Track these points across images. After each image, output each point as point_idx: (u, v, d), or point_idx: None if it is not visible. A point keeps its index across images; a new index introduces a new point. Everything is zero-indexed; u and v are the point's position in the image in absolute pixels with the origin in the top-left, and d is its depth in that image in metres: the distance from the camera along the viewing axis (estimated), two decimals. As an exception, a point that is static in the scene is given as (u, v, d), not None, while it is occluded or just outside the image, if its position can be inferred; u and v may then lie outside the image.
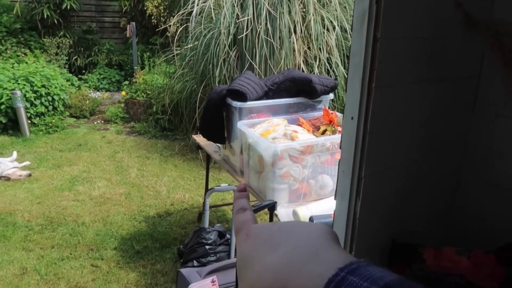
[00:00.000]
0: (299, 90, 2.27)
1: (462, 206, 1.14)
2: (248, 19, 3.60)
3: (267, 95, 2.31)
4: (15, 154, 3.95)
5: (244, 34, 3.61)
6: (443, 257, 0.93)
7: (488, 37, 1.01)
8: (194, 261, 2.04)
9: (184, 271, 1.83)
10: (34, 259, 2.57)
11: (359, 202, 0.98)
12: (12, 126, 4.86)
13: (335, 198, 1.06)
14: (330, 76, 3.68)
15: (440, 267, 0.95)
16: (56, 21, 6.52)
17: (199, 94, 3.90)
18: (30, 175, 3.73)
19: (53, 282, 2.38)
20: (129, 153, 4.38)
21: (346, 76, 3.71)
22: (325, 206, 1.68)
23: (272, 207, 1.70)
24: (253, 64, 3.63)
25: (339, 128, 2.00)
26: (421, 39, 0.92)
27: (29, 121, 4.88)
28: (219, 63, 3.72)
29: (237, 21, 3.67)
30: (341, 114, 2.11)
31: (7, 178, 3.65)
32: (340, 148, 1.04)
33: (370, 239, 1.02)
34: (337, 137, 1.87)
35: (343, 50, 3.81)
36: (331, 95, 2.35)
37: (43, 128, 4.95)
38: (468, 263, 0.89)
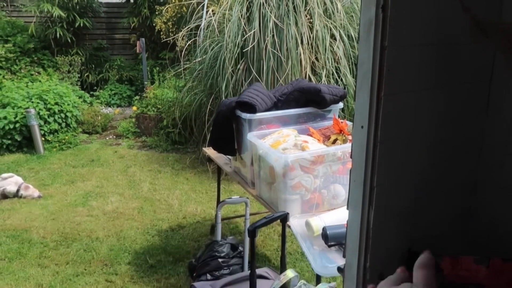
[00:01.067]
0: (308, 100, 2.27)
1: (478, 212, 1.12)
2: (254, 31, 3.63)
3: (276, 106, 2.32)
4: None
5: (251, 46, 3.64)
6: (461, 266, 0.90)
7: (499, 41, 1.00)
8: (207, 275, 2.03)
9: (198, 285, 1.82)
10: (50, 276, 2.59)
11: (372, 211, 0.97)
12: (26, 144, 4.94)
13: (347, 208, 1.04)
14: (339, 85, 3.67)
15: (458, 277, 0.93)
16: (69, 40, 6.67)
17: (208, 107, 3.93)
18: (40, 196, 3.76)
19: (68, 298, 2.39)
20: (141, 167, 4.41)
21: (354, 85, 3.70)
22: (338, 216, 1.66)
23: (284, 218, 1.68)
24: (261, 76, 3.65)
25: (350, 137, 1.99)
26: (429, 46, 0.91)
27: (43, 138, 4.97)
28: (227, 76, 3.75)
29: (244, 34, 3.71)
30: (351, 123, 2.10)
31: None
32: (351, 157, 1.03)
33: (385, 248, 1.01)
34: (348, 146, 1.85)
35: (351, 59, 3.81)
36: (341, 104, 2.34)
37: (57, 145, 5.03)
38: (487, 272, 0.86)
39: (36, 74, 6.29)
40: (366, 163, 0.98)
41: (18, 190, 3.69)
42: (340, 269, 1.14)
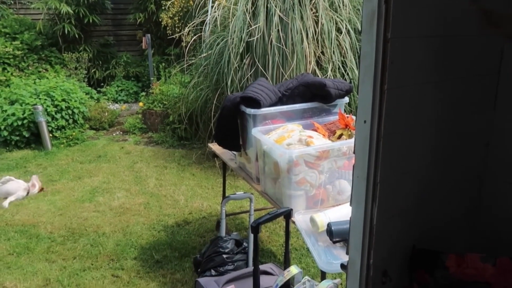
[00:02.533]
0: (313, 95, 2.25)
1: (488, 207, 1.09)
2: (259, 25, 3.60)
3: (281, 101, 2.30)
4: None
5: (256, 40, 3.62)
6: (467, 264, 0.88)
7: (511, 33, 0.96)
8: (212, 270, 2.03)
9: (202, 280, 1.82)
10: (57, 270, 2.61)
11: (375, 208, 0.95)
12: (34, 140, 4.98)
13: (350, 204, 1.03)
14: (345, 79, 3.64)
15: (465, 275, 0.91)
16: (77, 36, 6.69)
17: (214, 102, 3.92)
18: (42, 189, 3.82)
19: (75, 293, 2.41)
20: (147, 163, 4.43)
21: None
22: (343, 212, 1.64)
23: (287, 214, 1.67)
24: (266, 70, 3.63)
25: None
26: (434, 38, 0.89)
27: (51, 135, 5.00)
28: (232, 71, 3.73)
29: (249, 28, 3.68)
30: (357, 118, 2.07)
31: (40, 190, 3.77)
32: (354, 153, 1.01)
33: (389, 245, 0.99)
34: (353, 141, 1.83)
35: (357, 52, 3.77)
36: (346, 99, 2.32)
37: (64, 141, 5.07)
38: (494, 271, 0.84)
39: (44, 71, 6.33)
40: (370, 159, 0.96)
41: (28, 193, 3.72)
42: (343, 266, 1.13)
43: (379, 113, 0.92)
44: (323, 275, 1.81)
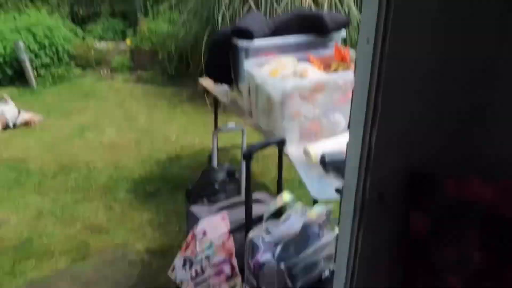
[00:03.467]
0: (308, 27, 2.16)
1: (488, 137, 1.08)
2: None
3: (274, 34, 2.21)
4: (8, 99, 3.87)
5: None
6: (467, 188, 0.89)
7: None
8: (204, 199, 2.06)
9: (194, 208, 1.85)
10: (49, 203, 2.64)
11: (374, 131, 0.94)
12: (18, 78, 4.82)
13: (348, 127, 1.02)
14: (342, 16, 3.50)
15: (464, 198, 0.91)
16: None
17: (205, 40, 3.78)
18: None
19: (69, 223, 2.45)
20: (137, 101, 4.35)
21: (358, 18, 3.49)
22: (337, 144, 1.65)
23: (281, 143, 1.67)
24: (259, 6, 3.46)
25: (352, 66, 1.92)
26: None
27: (36, 72, 4.84)
28: (223, 7, 3.57)
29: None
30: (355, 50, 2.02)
31: (27, 124, 3.72)
32: (354, 74, 0.98)
33: (386, 168, 0.99)
34: (349, 74, 1.79)
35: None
36: (343, 33, 2.24)
37: (50, 78, 4.91)
38: (495, 192, 0.85)
39: (24, 7, 5.96)
40: (371, 81, 0.92)
41: (19, 112, 3.71)
42: (338, 190, 1.14)
43: (384, 31, 0.87)
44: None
